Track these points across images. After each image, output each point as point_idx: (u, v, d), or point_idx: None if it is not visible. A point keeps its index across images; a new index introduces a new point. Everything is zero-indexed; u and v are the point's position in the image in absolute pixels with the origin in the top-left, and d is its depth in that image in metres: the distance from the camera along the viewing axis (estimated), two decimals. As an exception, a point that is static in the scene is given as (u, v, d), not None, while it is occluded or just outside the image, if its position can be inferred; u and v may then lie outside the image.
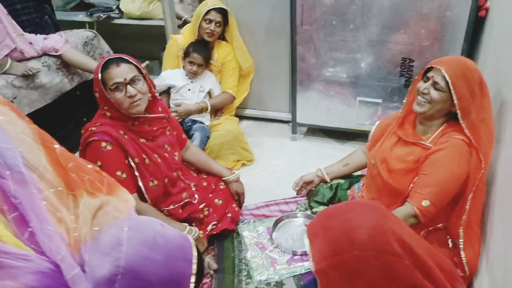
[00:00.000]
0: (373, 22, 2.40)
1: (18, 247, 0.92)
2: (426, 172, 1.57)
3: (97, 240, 0.98)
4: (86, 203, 1.02)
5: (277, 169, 2.67)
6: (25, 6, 2.66)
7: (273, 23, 2.87)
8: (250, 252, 1.94)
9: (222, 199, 2.08)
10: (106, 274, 0.94)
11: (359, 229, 1.01)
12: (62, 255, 0.94)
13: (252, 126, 3.19)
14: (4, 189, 0.94)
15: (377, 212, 1.06)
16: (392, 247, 0.99)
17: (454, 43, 2.31)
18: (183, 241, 1.07)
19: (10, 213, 0.93)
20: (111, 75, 1.69)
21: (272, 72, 3.05)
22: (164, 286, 0.98)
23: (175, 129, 2.05)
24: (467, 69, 1.55)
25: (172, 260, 1.01)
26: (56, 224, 0.97)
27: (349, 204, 1.22)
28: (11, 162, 0.96)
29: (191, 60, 2.64)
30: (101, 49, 2.98)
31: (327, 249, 1.03)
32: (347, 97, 2.70)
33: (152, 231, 1.02)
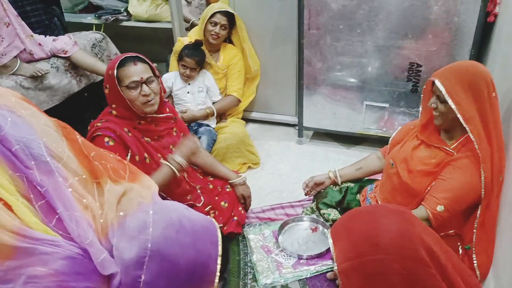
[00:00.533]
0: (380, 27, 2.41)
1: (46, 233, 0.94)
2: (445, 177, 1.56)
3: (124, 225, 0.99)
4: (110, 189, 1.03)
5: (283, 172, 2.68)
6: (35, 8, 2.69)
7: (280, 28, 2.88)
8: (256, 256, 1.94)
9: (228, 202, 2.09)
10: (134, 257, 0.95)
11: (384, 233, 1.00)
12: (90, 240, 0.95)
13: (258, 129, 3.20)
14: (31, 179, 0.95)
15: (404, 217, 1.06)
16: (418, 253, 0.98)
17: (462, 49, 2.31)
18: (209, 224, 1.08)
19: (37, 201, 0.95)
20: (128, 73, 1.73)
21: (278, 75, 3.06)
22: (192, 267, 0.99)
23: (182, 131, 2.07)
24: (465, 73, 1.55)
25: (198, 242, 1.01)
26: (83, 211, 0.98)
27: (374, 207, 1.21)
28: (36, 152, 0.98)
29: (184, 63, 2.65)
30: (109, 51, 2.99)
31: (350, 250, 1.02)
32: (354, 101, 2.70)
33: (178, 214, 1.03)
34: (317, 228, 2.06)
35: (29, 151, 0.97)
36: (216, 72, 2.88)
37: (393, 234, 1.00)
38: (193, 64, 2.65)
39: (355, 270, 1.01)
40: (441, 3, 2.23)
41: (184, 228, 1.00)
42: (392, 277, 0.99)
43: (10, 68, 2.38)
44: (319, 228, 2.06)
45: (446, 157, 1.62)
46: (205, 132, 2.62)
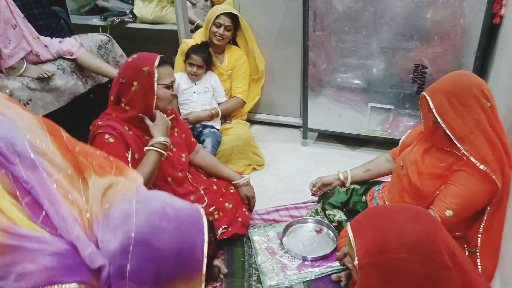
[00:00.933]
0: (386, 29, 2.41)
1: (34, 230, 0.94)
2: (457, 183, 1.54)
3: (108, 217, 0.99)
4: (95, 183, 1.04)
5: (288, 174, 2.68)
6: (42, 11, 2.71)
7: (284, 29, 2.88)
8: (260, 257, 1.94)
9: (232, 203, 2.09)
10: (118, 247, 0.95)
11: (411, 232, 0.99)
12: (77, 234, 0.95)
13: (263, 131, 3.20)
14: (16, 175, 0.95)
15: (430, 219, 1.05)
16: (442, 257, 0.97)
17: (468, 50, 2.30)
18: (194, 211, 1.06)
19: (23, 198, 0.95)
20: (168, 72, 1.82)
21: (283, 77, 3.06)
22: (176, 254, 0.98)
23: (184, 132, 2.07)
24: (454, 89, 1.54)
25: (183, 229, 1.00)
26: (69, 206, 0.99)
27: (400, 206, 1.20)
28: (20, 149, 0.98)
29: (191, 61, 2.67)
30: (114, 53, 3.01)
31: (374, 245, 1.01)
32: (359, 103, 2.70)
33: (161, 202, 1.03)
34: (322, 229, 2.06)
35: (13, 148, 0.97)
36: (221, 73, 2.89)
37: (420, 234, 0.99)
38: (199, 61, 2.66)
39: (377, 266, 1.00)
40: (447, 5, 2.23)
41: (167, 215, 0.99)
42: (412, 277, 0.98)
43: (17, 70, 2.40)
44: (323, 229, 2.06)
45: (457, 160, 1.59)
46: (209, 133, 2.63)
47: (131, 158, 1.75)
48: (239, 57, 2.91)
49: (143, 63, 1.76)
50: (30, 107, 2.40)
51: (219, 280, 1.83)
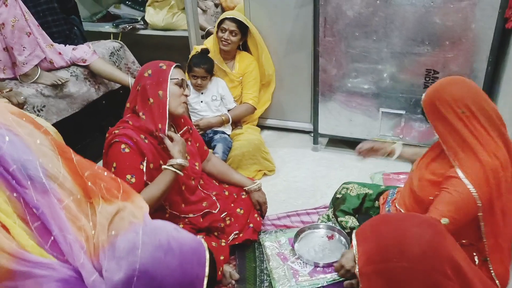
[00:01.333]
0: (396, 34, 2.40)
1: (42, 256, 0.96)
2: (450, 190, 1.53)
3: (114, 246, 1.01)
4: (102, 211, 1.06)
5: (298, 179, 2.68)
6: (56, 18, 2.76)
7: (295, 35, 2.89)
8: (272, 263, 1.94)
9: (243, 208, 2.09)
10: (122, 277, 0.97)
11: (413, 242, 0.99)
12: (82, 262, 0.98)
13: (274, 136, 3.21)
14: (27, 200, 0.98)
15: (436, 229, 1.04)
16: (443, 267, 0.97)
17: (480, 55, 2.29)
18: (197, 245, 1.10)
19: (33, 223, 0.98)
20: (178, 72, 1.85)
21: (294, 82, 3.07)
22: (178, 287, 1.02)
23: (197, 141, 2.09)
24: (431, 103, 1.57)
25: (185, 264, 1.04)
26: (76, 232, 1.01)
27: (406, 215, 1.21)
28: (33, 173, 1.00)
29: (194, 74, 2.67)
30: (126, 59, 3.05)
31: (375, 253, 1.02)
32: (370, 108, 2.69)
33: (167, 236, 1.05)
34: (334, 235, 2.06)
35: (25, 172, 0.99)
36: (232, 80, 2.90)
37: (423, 244, 0.99)
38: (202, 72, 2.66)
39: (378, 274, 1.01)
40: (458, 10, 2.22)
41: (172, 250, 1.03)
42: (412, 286, 0.98)
43: (31, 77, 2.44)
44: (335, 235, 2.05)
45: (450, 167, 1.58)
46: (220, 139, 2.64)
47: (146, 168, 1.76)
48: (249, 64, 2.92)
49: (158, 83, 1.79)
50: (44, 113, 2.44)
51: (231, 286, 1.83)
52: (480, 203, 1.46)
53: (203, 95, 2.74)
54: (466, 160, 1.49)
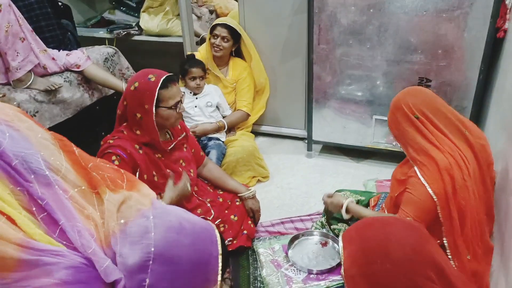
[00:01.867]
0: (390, 42, 2.42)
1: (50, 244, 0.95)
2: (410, 190, 1.60)
3: (125, 232, 1.01)
4: (110, 198, 1.06)
5: (292, 186, 2.68)
6: (50, 23, 2.74)
7: (289, 42, 2.90)
8: (266, 270, 1.93)
9: (237, 215, 2.09)
10: (137, 261, 0.97)
11: (397, 244, 1.00)
12: (93, 249, 0.97)
13: (268, 143, 3.21)
14: (31, 192, 0.97)
15: (419, 233, 1.06)
16: (426, 271, 0.99)
17: (472, 64, 2.31)
18: (207, 225, 1.11)
19: (39, 214, 0.97)
20: (172, 94, 1.78)
21: (288, 89, 3.08)
22: (195, 267, 1.02)
23: (193, 147, 2.08)
24: (399, 103, 1.68)
25: (199, 242, 1.04)
26: (84, 221, 1.00)
27: (391, 218, 1.22)
28: (35, 166, 0.99)
29: (192, 75, 2.69)
30: (120, 65, 3.04)
31: (359, 256, 1.03)
32: (363, 115, 2.70)
33: (177, 217, 1.06)
34: (327, 242, 2.06)
35: (28, 165, 0.98)
36: (225, 86, 2.91)
37: (406, 248, 1.00)
38: (200, 72, 2.70)
39: (362, 276, 1.02)
40: (451, 19, 2.24)
41: (184, 229, 1.03)
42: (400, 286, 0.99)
43: (25, 82, 2.42)
44: (329, 242, 2.05)
45: (411, 168, 1.66)
46: (214, 146, 2.64)
47: (139, 178, 1.75)
48: (243, 70, 2.93)
49: (144, 98, 1.74)
50: (37, 119, 2.42)
51: (224, 293, 1.82)
52: (435, 198, 1.52)
53: (197, 100, 2.74)
54: (423, 161, 1.58)
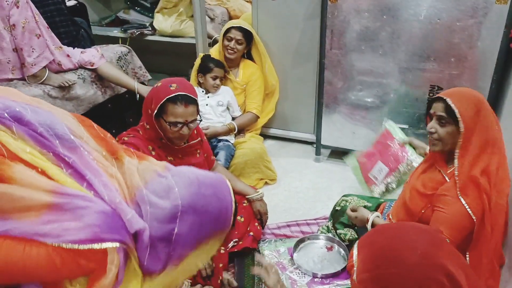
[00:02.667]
0: (403, 49, 2.42)
1: (81, 191, 1.02)
2: (444, 209, 1.53)
3: (149, 189, 1.07)
4: (129, 160, 1.14)
5: (300, 190, 2.68)
6: (63, 19, 2.78)
7: (301, 47, 2.91)
8: (270, 272, 1.93)
9: (244, 216, 2.10)
10: (167, 212, 1.03)
11: (407, 249, 1.00)
12: (118, 201, 1.03)
13: (276, 146, 3.22)
14: (57, 153, 1.04)
15: (432, 239, 1.05)
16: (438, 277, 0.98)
17: (485, 73, 2.30)
18: (219, 176, 1.19)
19: (67, 170, 1.04)
20: (176, 113, 1.73)
21: (298, 93, 3.09)
22: (218, 214, 1.10)
23: (206, 152, 2.09)
24: (475, 98, 1.55)
25: (218, 193, 1.12)
26: (109, 178, 1.07)
27: (405, 223, 1.22)
28: (60, 132, 1.07)
29: (215, 74, 2.72)
30: (133, 64, 3.07)
31: (370, 261, 1.03)
32: (373, 121, 2.70)
33: (192, 173, 1.13)
34: (333, 247, 2.05)
35: (53, 131, 1.06)
36: (235, 87, 2.92)
37: (416, 252, 1.00)
38: (222, 73, 2.76)
39: (373, 281, 1.02)
40: (465, 28, 2.24)
41: (203, 183, 1.10)
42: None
43: (39, 78, 2.46)
44: (334, 247, 2.05)
45: (441, 182, 1.59)
46: (223, 147, 2.65)
47: None
48: (253, 72, 2.94)
49: (154, 98, 1.75)
50: (50, 114, 2.45)
51: (229, 294, 1.83)
52: (474, 218, 1.48)
53: (209, 98, 2.76)
54: (467, 178, 1.50)
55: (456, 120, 1.51)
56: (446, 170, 1.61)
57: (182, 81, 1.80)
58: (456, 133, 1.53)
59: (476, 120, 1.51)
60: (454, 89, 1.62)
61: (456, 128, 1.53)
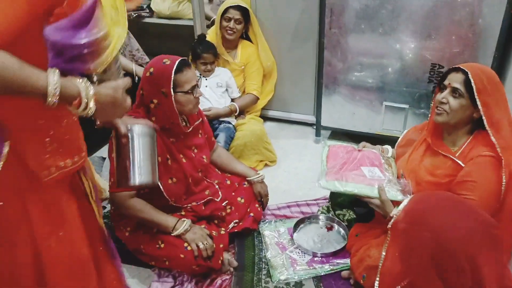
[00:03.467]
0: (403, 27, 2.39)
1: None
2: (471, 195, 1.47)
3: None
4: None
5: (299, 171, 2.68)
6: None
7: (300, 26, 2.88)
8: (271, 252, 1.95)
9: (244, 198, 2.10)
10: None
11: (450, 224, 1.06)
12: None
13: (276, 128, 3.21)
14: None
15: (484, 226, 1.07)
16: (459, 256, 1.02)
17: (486, 51, 2.27)
18: None
19: None
20: (188, 78, 1.76)
21: (297, 74, 3.06)
22: None
23: (207, 132, 2.09)
24: (491, 73, 1.53)
25: None
26: None
27: (465, 200, 1.24)
28: None
29: (204, 61, 2.69)
30: (131, 47, 3.04)
31: (413, 215, 1.10)
32: (373, 102, 2.69)
33: None
34: (333, 227, 2.06)
35: None
36: (234, 69, 2.90)
37: (455, 232, 1.04)
38: (211, 58, 2.70)
39: (405, 233, 1.09)
40: (465, 5, 2.20)
41: None
42: (426, 256, 1.04)
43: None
44: (334, 227, 2.06)
45: (453, 166, 1.56)
46: (224, 129, 2.64)
47: None
48: (252, 53, 2.91)
49: (160, 82, 1.72)
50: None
51: (229, 273, 1.84)
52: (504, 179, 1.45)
53: (207, 80, 2.74)
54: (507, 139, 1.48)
55: (471, 95, 1.48)
56: (453, 154, 1.58)
57: (164, 56, 1.79)
58: (466, 108, 1.52)
59: (494, 98, 1.49)
60: (473, 64, 1.59)
61: (467, 103, 1.51)
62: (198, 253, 1.74)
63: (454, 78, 1.54)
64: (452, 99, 1.54)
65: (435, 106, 1.60)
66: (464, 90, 1.50)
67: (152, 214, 1.77)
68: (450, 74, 1.57)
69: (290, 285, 1.77)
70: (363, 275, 1.62)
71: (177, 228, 1.76)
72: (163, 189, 1.79)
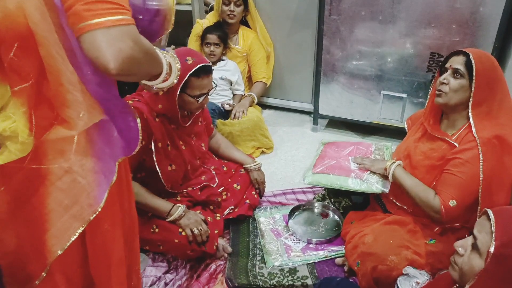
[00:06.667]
0: (403, 15, 2.36)
1: None
2: (454, 171, 1.52)
3: None
4: None
5: (296, 158, 2.67)
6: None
7: (300, 13, 2.85)
8: (265, 238, 1.95)
9: (240, 184, 2.09)
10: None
11: None
12: None
13: (274, 115, 3.19)
14: None
15: None
16: None
17: (486, 40, 2.25)
18: None
19: None
20: (201, 85, 1.71)
21: (296, 62, 3.04)
22: None
23: (205, 119, 2.07)
24: (487, 54, 1.55)
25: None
26: None
27: None
28: None
29: (207, 41, 2.69)
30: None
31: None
32: (371, 90, 2.67)
33: None
34: (328, 214, 2.06)
35: None
36: (235, 55, 2.88)
37: None
38: (215, 39, 2.69)
39: (507, 258, 0.97)
40: (467, -8, 2.18)
41: None
42: None
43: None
44: (329, 214, 2.06)
45: (449, 149, 1.57)
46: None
47: (155, 146, 1.73)
48: (254, 41, 2.90)
49: (185, 69, 1.65)
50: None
51: (224, 259, 1.84)
52: (481, 176, 1.46)
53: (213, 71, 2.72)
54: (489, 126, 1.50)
55: (471, 76, 1.50)
56: (450, 137, 1.59)
57: (192, 52, 1.74)
58: (466, 88, 1.52)
59: (491, 81, 1.50)
60: (476, 49, 1.59)
61: (467, 84, 1.52)
62: (192, 239, 1.73)
63: (455, 60, 1.56)
64: (452, 79, 1.55)
65: (437, 87, 1.61)
66: (465, 70, 1.52)
67: (147, 198, 1.76)
68: (451, 57, 1.59)
69: (284, 271, 1.77)
70: (357, 261, 1.61)
71: (171, 213, 1.75)
72: (161, 175, 1.78)
